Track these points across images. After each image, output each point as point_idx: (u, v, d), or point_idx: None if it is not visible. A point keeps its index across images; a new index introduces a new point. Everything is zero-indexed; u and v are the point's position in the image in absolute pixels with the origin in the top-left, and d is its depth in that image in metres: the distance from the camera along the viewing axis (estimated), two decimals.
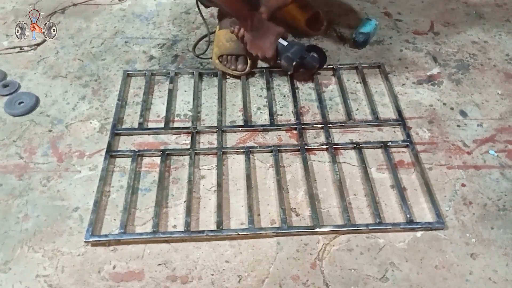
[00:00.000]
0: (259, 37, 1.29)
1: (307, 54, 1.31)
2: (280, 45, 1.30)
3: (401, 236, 1.01)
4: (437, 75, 1.40)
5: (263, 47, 1.30)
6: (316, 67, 1.33)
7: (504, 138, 1.21)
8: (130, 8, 1.66)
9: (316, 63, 1.32)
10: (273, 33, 1.30)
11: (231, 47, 1.34)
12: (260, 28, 1.28)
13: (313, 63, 1.31)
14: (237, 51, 1.34)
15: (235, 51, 1.34)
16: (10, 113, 1.28)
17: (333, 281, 0.94)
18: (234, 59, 1.36)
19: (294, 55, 1.29)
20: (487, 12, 1.64)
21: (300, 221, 1.04)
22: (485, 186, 1.10)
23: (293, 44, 1.31)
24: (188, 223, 1.01)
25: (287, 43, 1.30)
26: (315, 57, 1.31)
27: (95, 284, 0.94)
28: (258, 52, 1.31)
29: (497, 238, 1.01)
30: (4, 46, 1.51)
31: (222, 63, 1.36)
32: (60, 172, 1.14)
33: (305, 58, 1.30)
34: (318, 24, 1.51)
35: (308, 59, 1.31)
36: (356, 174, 1.13)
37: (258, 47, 1.30)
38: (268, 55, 1.31)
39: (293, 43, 1.31)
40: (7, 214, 1.06)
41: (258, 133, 1.23)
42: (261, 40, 1.29)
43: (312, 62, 1.31)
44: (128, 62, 1.44)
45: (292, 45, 1.30)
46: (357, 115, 1.28)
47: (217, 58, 1.36)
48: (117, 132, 1.22)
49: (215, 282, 0.94)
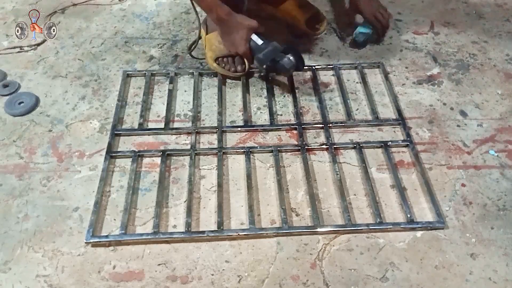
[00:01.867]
0: (229, 31, 1.23)
1: (280, 56, 1.21)
2: (254, 43, 1.23)
3: (401, 236, 1.01)
4: (437, 75, 1.40)
5: (235, 42, 1.24)
6: (290, 71, 1.25)
7: (504, 138, 1.21)
8: (130, 8, 1.66)
9: (290, 67, 1.22)
10: (244, 26, 1.22)
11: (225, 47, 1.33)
12: (229, 21, 1.21)
13: (286, 67, 1.21)
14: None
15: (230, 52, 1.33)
16: (10, 113, 1.28)
17: (333, 281, 0.94)
18: (232, 61, 1.34)
19: (266, 57, 1.20)
20: (487, 12, 1.64)
21: (300, 221, 1.04)
22: (485, 186, 1.10)
23: (268, 44, 1.22)
24: (189, 223, 1.01)
25: (262, 42, 1.22)
26: (290, 61, 1.21)
27: (95, 284, 0.94)
28: (231, 47, 1.26)
29: (497, 238, 1.01)
30: (4, 46, 1.51)
31: (220, 65, 1.34)
32: (60, 172, 1.14)
33: (278, 61, 1.21)
34: (318, 24, 1.50)
35: (281, 63, 1.21)
36: (356, 174, 1.13)
37: (230, 42, 1.25)
38: (240, 51, 1.25)
39: (268, 43, 1.22)
40: (7, 214, 1.06)
41: (258, 133, 1.23)
42: (232, 35, 1.23)
43: (285, 66, 1.21)
44: (128, 62, 1.44)
45: (266, 45, 1.21)
46: (357, 115, 1.28)
47: (214, 62, 1.34)
48: (117, 132, 1.22)
49: (215, 282, 0.94)
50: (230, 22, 1.23)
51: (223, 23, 1.23)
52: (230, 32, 1.24)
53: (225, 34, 1.26)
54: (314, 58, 1.45)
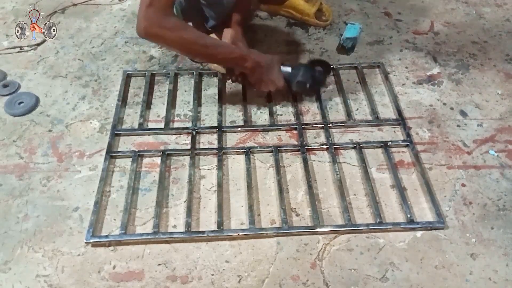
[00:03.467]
0: (264, 72, 1.21)
1: (313, 71, 1.28)
2: (286, 73, 1.25)
3: (401, 236, 1.01)
4: (437, 75, 1.40)
5: (274, 80, 1.23)
6: (326, 79, 1.33)
7: (504, 138, 1.21)
8: (130, 8, 1.66)
9: (324, 76, 1.32)
10: (276, 62, 1.24)
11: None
12: (261, 63, 1.19)
13: (321, 78, 1.30)
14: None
15: None
16: (10, 113, 1.28)
17: (333, 281, 0.94)
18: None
19: (306, 78, 1.24)
20: (487, 12, 1.64)
21: (300, 221, 1.04)
22: (485, 186, 1.10)
23: (297, 67, 1.26)
24: (189, 223, 1.02)
25: (291, 68, 1.26)
26: (321, 71, 1.30)
27: (95, 284, 0.94)
28: (270, 87, 1.24)
29: (497, 238, 1.01)
30: (4, 46, 1.51)
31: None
32: (60, 172, 1.14)
33: (315, 76, 1.27)
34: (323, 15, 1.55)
35: (317, 75, 1.28)
36: (356, 174, 1.13)
37: (269, 83, 1.23)
38: (280, 85, 1.24)
39: (297, 67, 1.27)
40: (7, 214, 1.06)
41: (258, 133, 1.23)
42: (268, 74, 1.22)
43: (320, 77, 1.30)
44: (128, 62, 1.44)
45: (297, 68, 1.26)
46: (357, 115, 1.28)
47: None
48: (117, 132, 1.22)
49: (215, 282, 0.94)
50: (265, 62, 1.20)
51: (260, 66, 1.19)
52: (266, 72, 1.21)
53: (261, 76, 1.22)
54: (314, 58, 1.45)
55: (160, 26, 1.05)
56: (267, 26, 1.57)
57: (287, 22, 1.58)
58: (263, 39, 1.52)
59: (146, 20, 1.04)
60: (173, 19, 1.07)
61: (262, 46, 1.48)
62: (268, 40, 1.52)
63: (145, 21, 1.04)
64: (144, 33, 1.06)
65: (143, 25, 1.05)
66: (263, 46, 1.48)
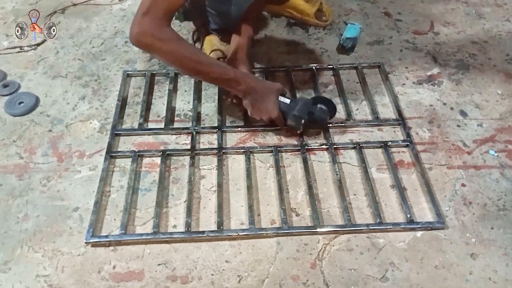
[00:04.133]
0: (259, 99, 1.15)
1: (314, 108, 1.19)
2: (283, 104, 1.17)
3: (401, 236, 1.01)
4: (437, 75, 1.40)
5: (268, 109, 1.15)
6: (327, 119, 1.21)
7: (504, 138, 1.21)
8: (130, 8, 1.66)
9: (325, 115, 1.20)
10: (273, 90, 1.16)
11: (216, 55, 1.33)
12: (257, 89, 1.14)
13: (323, 116, 1.20)
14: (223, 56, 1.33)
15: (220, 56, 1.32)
16: (10, 113, 1.28)
17: (333, 281, 0.94)
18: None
19: (302, 113, 1.15)
20: (487, 12, 1.63)
21: (300, 221, 1.04)
22: (485, 186, 1.10)
23: (297, 101, 1.19)
24: (189, 223, 1.02)
25: (290, 100, 1.18)
26: (324, 109, 1.20)
27: (95, 284, 0.94)
28: (263, 115, 1.17)
29: (497, 238, 1.01)
30: (4, 46, 1.51)
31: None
32: (60, 172, 1.14)
33: (313, 113, 1.18)
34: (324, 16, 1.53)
35: (317, 113, 1.18)
36: (356, 174, 1.13)
37: (263, 110, 1.16)
38: (273, 116, 1.16)
39: (297, 100, 1.19)
40: (7, 214, 1.06)
41: (258, 133, 1.23)
42: (263, 102, 1.15)
43: (322, 115, 1.19)
44: (128, 62, 1.44)
45: (296, 102, 1.18)
46: (357, 115, 1.28)
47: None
48: (117, 132, 1.21)
49: (215, 282, 0.94)
50: (259, 89, 1.15)
51: (254, 91, 1.14)
52: (261, 99, 1.15)
53: (255, 102, 1.15)
54: (314, 58, 1.45)
55: (153, 36, 1.02)
56: (267, 26, 1.57)
57: (287, 22, 1.58)
58: (263, 39, 1.52)
59: (140, 28, 1.01)
60: (168, 30, 1.04)
61: (262, 46, 1.49)
62: (268, 40, 1.52)
63: (138, 28, 1.02)
64: (135, 41, 1.03)
65: (135, 32, 1.02)
66: (263, 46, 1.49)
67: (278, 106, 1.16)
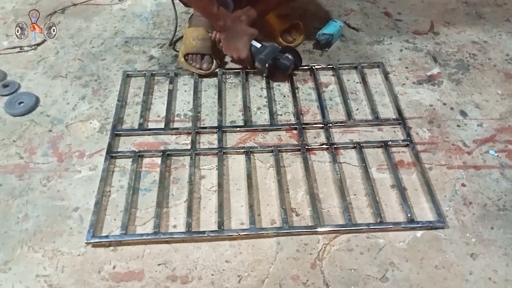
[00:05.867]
0: (233, 38, 1.32)
1: (280, 55, 1.32)
2: (254, 47, 1.33)
3: (401, 236, 1.01)
4: (437, 75, 1.40)
5: (238, 48, 1.32)
6: (291, 68, 1.33)
7: (504, 138, 1.21)
8: (130, 8, 1.66)
9: (289, 64, 1.32)
10: (247, 34, 1.32)
11: (197, 45, 1.35)
12: (233, 29, 1.30)
13: (287, 64, 1.31)
14: (203, 50, 1.35)
15: (200, 50, 1.35)
16: (10, 113, 1.28)
17: (333, 281, 0.94)
18: (200, 58, 1.36)
19: (267, 57, 1.30)
20: (487, 12, 1.64)
21: (300, 221, 1.04)
22: (485, 186, 1.10)
23: (267, 46, 1.33)
24: (189, 223, 1.02)
25: (261, 45, 1.32)
26: (289, 58, 1.32)
27: (95, 284, 0.94)
28: (233, 53, 1.34)
29: (497, 238, 1.01)
30: (4, 46, 1.51)
31: (187, 61, 1.36)
32: (60, 172, 1.14)
33: (278, 59, 1.31)
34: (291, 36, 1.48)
35: (282, 60, 1.31)
36: (356, 174, 1.13)
37: (233, 48, 1.33)
38: (242, 56, 1.33)
39: (267, 45, 1.33)
40: (7, 214, 1.06)
41: (258, 133, 1.23)
42: (235, 41, 1.32)
43: (286, 63, 1.31)
44: (128, 62, 1.44)
45: (265, 47, 1.32)
46: (357, 115, 1.28)
47: (183, 57, 1.37)
48: (117, 132, 1.21)
49: (215, 282, 0.94)
50: (234, 30, 1.31)
51: (228, 30, 1.30)
52: (234, 38, 1.32)
53: (229, 40, 1.32)
54: (314, 58, 1.46)
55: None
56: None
57: None
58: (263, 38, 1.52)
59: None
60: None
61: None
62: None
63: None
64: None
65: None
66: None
67: (249, 49, 1.32)
